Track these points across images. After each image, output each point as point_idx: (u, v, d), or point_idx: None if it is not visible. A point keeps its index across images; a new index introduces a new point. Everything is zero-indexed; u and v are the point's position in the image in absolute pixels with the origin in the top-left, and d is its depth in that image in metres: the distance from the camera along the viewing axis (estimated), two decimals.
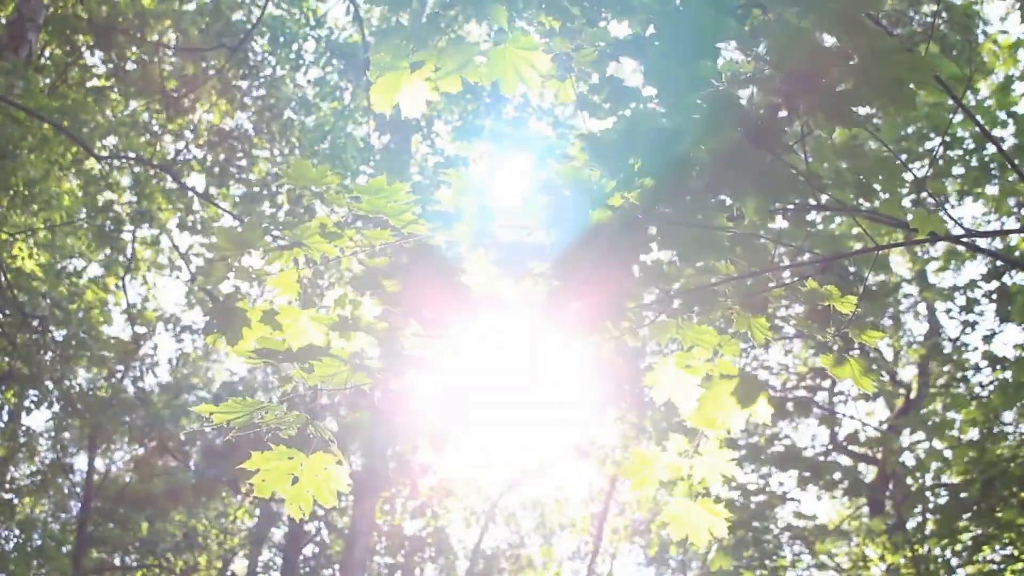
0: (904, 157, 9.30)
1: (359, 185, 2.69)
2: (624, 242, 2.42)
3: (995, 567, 9.48)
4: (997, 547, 9.47)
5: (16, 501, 16.98)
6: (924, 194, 8.48)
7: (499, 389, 2.91)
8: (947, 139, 9.26)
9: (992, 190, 9.86)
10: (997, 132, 9.22)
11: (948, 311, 11.09)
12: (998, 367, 10.14)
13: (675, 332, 3.01)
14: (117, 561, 18.45)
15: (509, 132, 2.96)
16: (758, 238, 2.87)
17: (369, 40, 12.08)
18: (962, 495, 9.50)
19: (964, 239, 3.46)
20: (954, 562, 10.04)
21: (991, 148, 9.19)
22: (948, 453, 10.28)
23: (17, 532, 16.72)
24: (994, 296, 10.34)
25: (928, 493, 10.81)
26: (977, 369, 10.70)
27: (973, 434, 9.92)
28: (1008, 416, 9.95)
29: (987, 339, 10.40)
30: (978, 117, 8.94)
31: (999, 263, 9.97)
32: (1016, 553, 9.20)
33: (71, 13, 11.91)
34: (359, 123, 14.18)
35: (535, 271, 2.65)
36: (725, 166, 2.46)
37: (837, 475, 12.60)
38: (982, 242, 11.73)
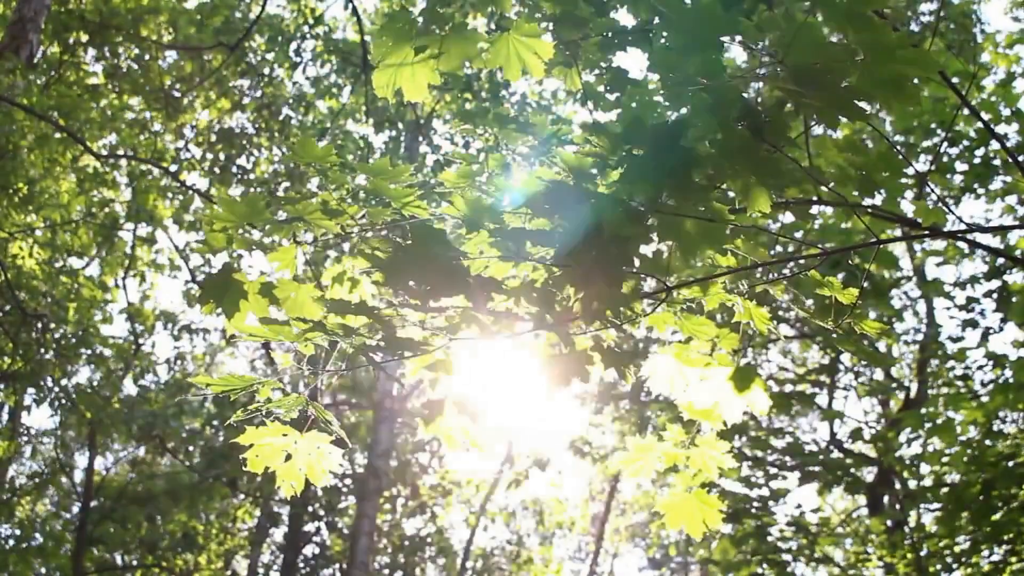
0: (905, 152, 9.29)
1: (363, 165, 2.70)
2: (626, 232, 2.42)
3: (994, 567, 9.48)
4: (996, 547, 9.47)
5: (16, 500, 16.99)
6: (927, 190, 8.50)
7: (495, 377, 2.92)
8: (950, 135, 9.27)
9: (995, 187, 9.87)
10: (1001, 128, 9.25)
11: (948, 308, 11.10)
12: (998, 366, 10.15)
13: (674, 322, 3.02)
14: (117, 561, 18.46)
15: (513, 117, 2.95)
16: (760, 231, 2.88)
17: (367, 39, 12.09)
18: (962, 495, 9.50)
19: (964, 235, 3.46)
20: (953, 562, 10.03)
21: (994, 145, 9.21)
22: (947, 452, 10.28)
23: (18, 531, 16.74)
24: (995, 295, 10.35)
25: (928, 493, 10.81)
26: (979, 368, 10.70)
27: (973, 433, 9.92)
28: (1008, 415, 9.95)
29: (985, 336, 10.41)
30: (981, 114, 8.95)
31: (999, 261, 9.98)
32: (1017, 549, 9.20)
33: (67, 10, 11.92)
34: (358, 121, 14.22)
35: (535, 257, 2.66)
36: (728, 159, 2.46)
37: (837, 472, 12.61)
38: (983, 238, 11.75)
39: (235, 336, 2.81)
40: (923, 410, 10.70)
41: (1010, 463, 8.99)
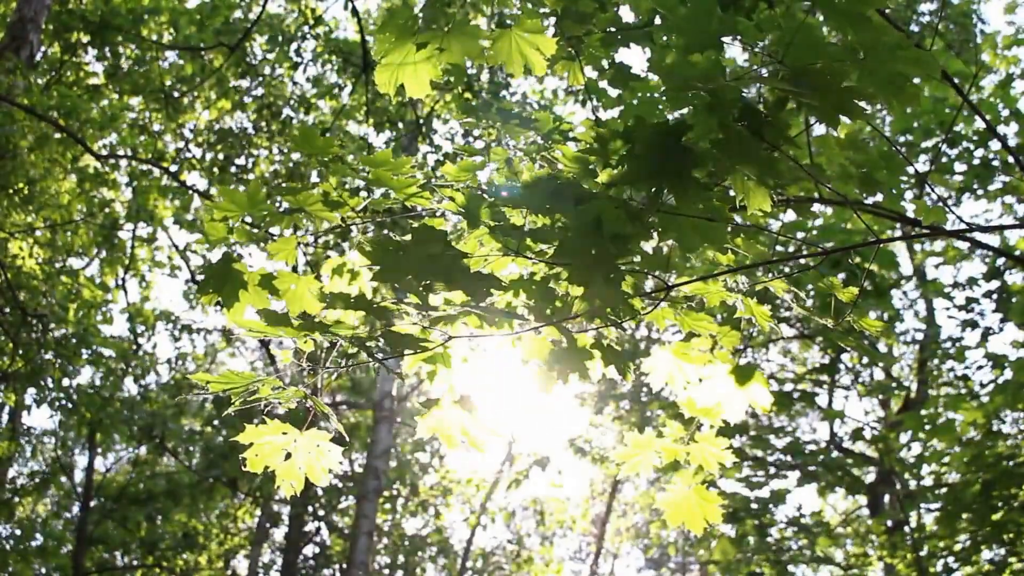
0: (905, 151, 9.31)
1: (365, 157, 2.69)
2: (626, 230, 2.43)
3: (994, 567, 9.48)
4: (996, 547, 9.46)
5: (17, 500, 16.98)
6: (927, 190, 8.50)
7: (494, 374, 2.92)
8: (949, 135, 9.29)
9: (994, 187, 9.88)
10: (999, 129, 9.26)
11: (948, 309, 11.11)
12: (998, 367, 10.15)
13: (674, 318, 3.02)
14: (117, 561, 18.45)
15: (516, 113, 2.95)
16: (760, 231, 2.88)
17: (368, 39, 12.10)
18: (962, 495, 9.50)
19: (964, 234, 3.47)
20: (953, 562, 10.03)
21: (993, 145, 9.23)
22: (947, 453, 10.28)
23: (18, 531, 16.73)
24: (994, 295, 10.36)
25: (928, 493, 10.81)
26: (979, 368, 10.70)
27: (973, 434, 9.92)
28: (1008, 416, 9.95)
29: (985, 336, 10.42)
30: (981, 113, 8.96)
31: (999, 262, 9.99)
32: (1017, 549, 9.20)
33: (67, 10, 11.92)
34: (359, 122, 14.22)
35: (535, 252, 2.66)
36: (728, 158, 2.47)
37: (838, 472, 12.61)
38: (983, 238, 11.76)
39: (235, 333, 2.81)
40: (923, 411, 10.71)
41: (1010, 463, 8.99)
